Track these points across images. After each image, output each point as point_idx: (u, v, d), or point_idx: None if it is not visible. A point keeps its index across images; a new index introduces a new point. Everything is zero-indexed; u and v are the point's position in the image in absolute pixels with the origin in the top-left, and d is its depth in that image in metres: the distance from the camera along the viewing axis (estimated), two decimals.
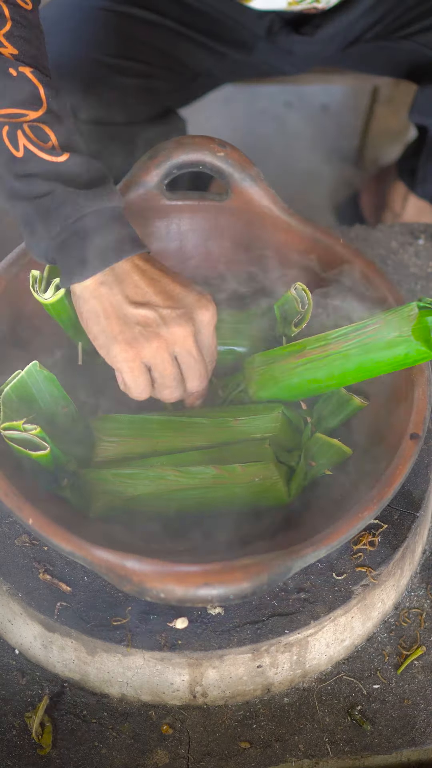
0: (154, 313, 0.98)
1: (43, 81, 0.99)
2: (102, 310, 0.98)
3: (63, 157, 0.97)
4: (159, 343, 0.98)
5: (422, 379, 1.03)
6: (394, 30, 1.53)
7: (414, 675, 1.06)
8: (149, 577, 0.87)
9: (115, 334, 0.98)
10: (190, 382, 1.03)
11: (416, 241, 1.53)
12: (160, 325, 0.98)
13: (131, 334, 0.98)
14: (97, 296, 0.98)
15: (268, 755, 1.01)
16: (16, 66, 0.98)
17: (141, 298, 0.98)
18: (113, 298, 0.98)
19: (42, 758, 0.99)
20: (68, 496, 1.03)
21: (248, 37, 1.51)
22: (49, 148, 0.97)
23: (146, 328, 0.98)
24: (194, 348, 1.00)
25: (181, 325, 0.98)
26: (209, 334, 1.02)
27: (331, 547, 0.92)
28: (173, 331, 0.98)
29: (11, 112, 0.97)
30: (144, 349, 0.98)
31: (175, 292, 1.00)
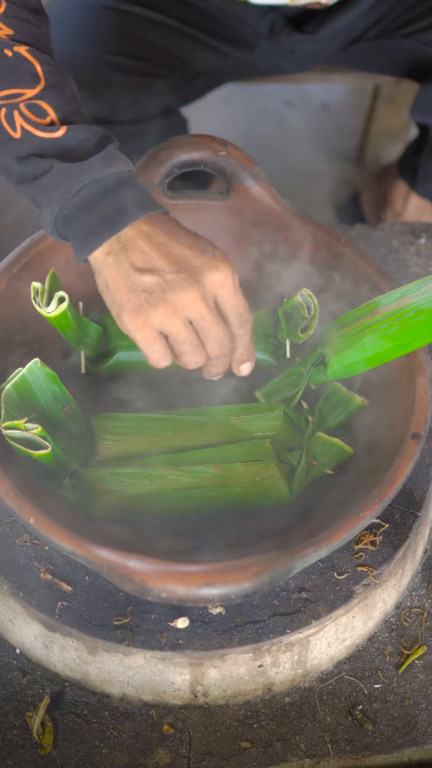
0: (159, 279, 0.96)
1: (39, 58, 0.98)
2: (111, 280, 0.97)
3: (60, 131, 0.96)
4: (166, 309, 0.96)
5: (423, 379, 1.03)
6: (395, 28, 1.53)
7: (415, 674, 1.06)
8: (151, 577, 0.87)
9: (123, 302, 0.97)
10: (208, 346, 0.99)
11: (417, 240, 1.53)
12: (165, 291, 0.96)
13: (137, 301, 0.96)
14: (106, 266, 0.97)
15: (269, 755, 1.00)
16: (11, 46, 0.97)
17: (146, 265, 0.96)
18: (120, 266, 0.96)
19: (43, 758, 0.99)
20: (69, 495, 1.03)
21: (250, 35, 1.51)
22: (47, 124, 0.96)
23: (152, 295, 0.96)
24: (206, 311, 0.97)
25: (187, 288, 0.96)
26: (227, 294, 0.98)
27: (332, 546, 0.92)
28: (180, 296, 0.96)
29: (8, 93, 0.96)
30: (151, 316, 0.96)
31: (182, 255, 0.96)
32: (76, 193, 0.96)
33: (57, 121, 0.97)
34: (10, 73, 0.97)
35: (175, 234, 0.97)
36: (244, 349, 1.02)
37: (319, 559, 0.96)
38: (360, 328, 1.03)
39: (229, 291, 0.98)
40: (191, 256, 0.97)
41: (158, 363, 0.99)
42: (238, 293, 0.98)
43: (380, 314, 1.02)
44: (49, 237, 1.13)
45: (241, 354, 1.02)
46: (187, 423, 1.08)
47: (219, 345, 0.99)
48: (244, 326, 1.00)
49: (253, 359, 1.04)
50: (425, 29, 1.52)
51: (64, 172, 0.95)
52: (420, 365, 1.04)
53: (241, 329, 1.00)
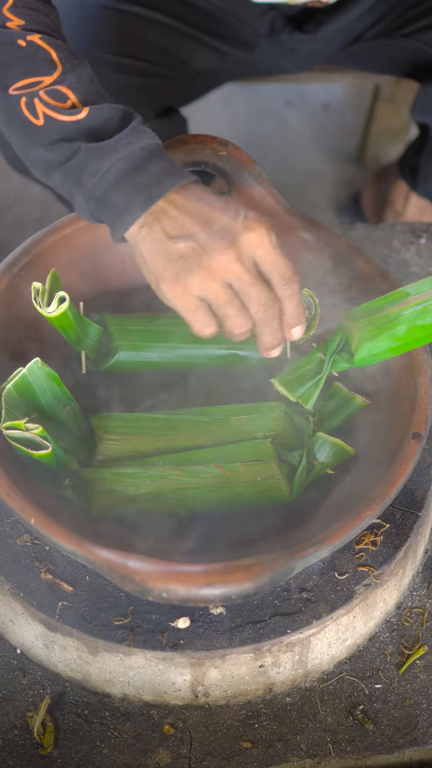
0: (194, 244, 0.94)
1: (53, 44, 0.98)
2: (146, 252, 0.96)
3: (83, 113, 0.96)
4: (202, 274, 0.94)
5: (424, 379, 1.03)
6: (395, 28, 1.53)
7: (416, 675, 1.06)
8: (151, 577, 0.87)
9: (160, 272, 0.95)
10: (251, 308, 0.96)
11: (418, 240, 1.53)
12: (200, 255, 0.94)
13: (174, 269, 0.95)
14: (141, 239, 0.96)
15: (270, 755, 1.00)
16: (24, 36, 0.97)
17: (180, 231, 0.95)
18: (154, 237, 0.95)
19: (44, 758, 0.99)
20: (70, 495, 1.03)
21: (250, 35, 1.51)
22: (68, 107, 0.96)
23: (188, 261, 0.94)
24: (243, 272, 0.94)
25: (222, 251, 0.94)
26: (265, 253, 0.95)
27: (333, 546, 0.92)
28: (215, 259, 0.94)
29: (26, 82, 0.96)
30: (189, 282, 0.94)
31: (214, 218, 0.95)
32: (105, 172, 0.95)
33: (78, 103, 0.97)
34: (26, 62, 0.97)
35: (206, 200, 0.96)
36: (293, 310, 0.98)
37: (320, 559, 0.96)
38: (391, 316, 1.01)
39: (267, 250, 0.95)
40: (224, 219, 0.95)
41: (202, 331, 0.97)
42: (277, 253, 0.96)
43: (411, 303, 1.01)
44: (49, 237, 1.13)
45: (290, 317, 0.98)
46: (188, 423, 1.08)
47: (262, 307, 0.96)
48: (288, 286, 0.97)
49: (303, 322, 1.00)
50: (425, 29, 1.52)
51: (91, 152, 0.95)
52: (420, 365, 1.04)
53: (286, 289, 0.97)
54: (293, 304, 0.98)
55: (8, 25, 0.98)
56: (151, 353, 1.12)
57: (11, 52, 0.97)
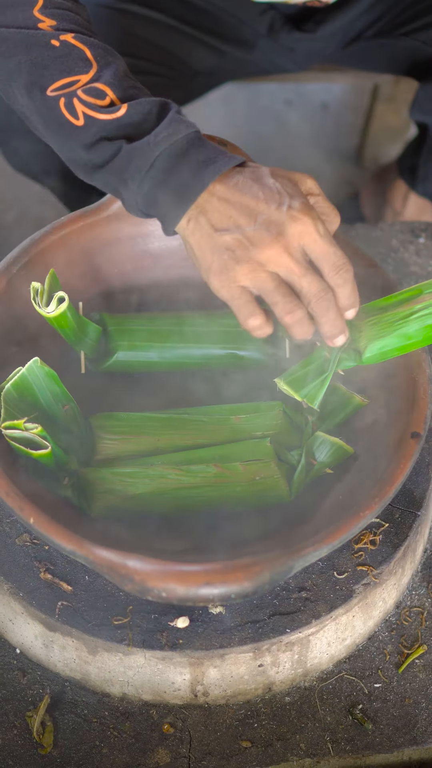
0: (240, 235, 0.93)
1: (86, 42, 0.98)
2: (196, 246, 0.96)
3: (122, 110, 0.96)
4: (251, 265, 0.93)
5: (423, 378, 1.03)
6: (394, 27, 1.53)
7: (415, 674, 1.06)
8: (151, 577, 0.87)
9: (209, 264, 0.95)
10: (304, 299, 0.95)
11: (417, 239, 1.53)
12: (248, 247, 0.93)
13: (222, 261, 0.94)
14: (189, 233, 0.96)
15: (269, 754, 1.01)
16: (57, 36, 0.97)
17: (226, 223, 0.94)
18: (201, 230, 0.95)
19: (43, 758, 0.99)
20: (69, 495, 1.03)
21: (250, 34, 1.51)
22: (107, 105, 0.96)
23: (235, 252, 0.93)
24: (292, 263, 0.93)
25: (270, 242, 0.93)
26: (313, 242, 0.93)
27: (332, 546, 0.92)
28: (263, 251, 0.93)
29: (64, 82, 0.96)
30: (237, 274, 0.94)
31: (260, 209, 0.93)
32: (149, 168, 0.95)
33: (116, 100, 0.96)
34: (62, 62, 0.97)
35: (251, 188, 0.94)
36: (346, 298, 0.96)
37: (319, 558, 0.96)
38: (403, 314, 1.01)
39: (315, 239, 0.93)
40: (269, 209, 0.93)
41: (247, 321, 0.96)
42: (326, 241, 0.94)
43: (424, 301, 1.00)
44: (48, 236, 1.13)
45: (344, 302, 0.96)
46: (187, 422, 1.08)
47: (315, 297, 0.95)
48: (340, 274, 0.95)
49: (357, 305, 0.98)
50: (424, 28, 1.52)
51: (133, 150, 0.95)
52: (420, 364, 1.04)
53: (337, 278, 0.95)
54: (347, 291, 0.96)
55: (40, 26, 0.98)
56: (150, 353, 1.12)
57: (46, 52, 0.97)
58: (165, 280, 1.20)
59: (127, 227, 1.16)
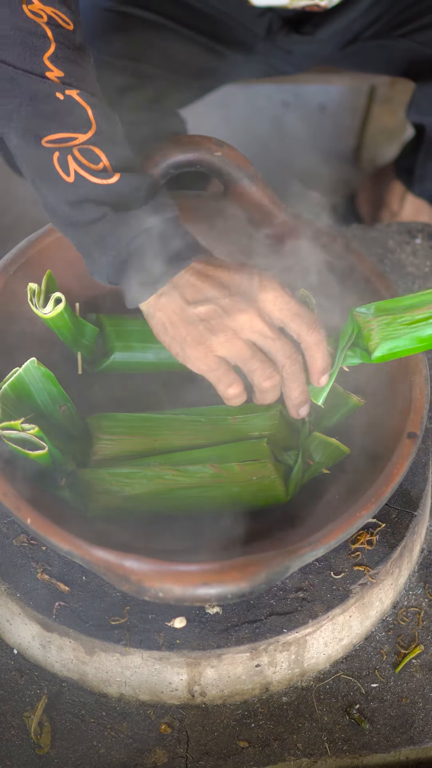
0: (214, 305, 0.96)
1: (90, 102, 0.98)
2: (167, 319, 0.98)
3: (114, 178, 0.96)
4: (226, 334, 0.96)
5: (420, 378, 1.03)
6: (391, 28, 1.54)
7: (412, 674, 1.07)
8: (147, 577, 0.88)
9: (183, 337, 0.98)
10: (278, 362, 0.98)
11: (413, 240, 1.53)
12: (222, 316, 0.96)
13: (197, 332, 0.97)
14: (161, 308, 0.98)
15: (266, 754, 1.01)
16: (63, 89, 0.97)
17: (199, 296, 0.97)
18: (174, 305, 0.97)
19: (41, 758, 0.99)
20: (66, 495, 1.03)
21: (248, 37, 1.51)
22: (100, 170, 0.96)
23: (210, 322, 0.96)
24: (266, 328, 0.97)
25: (243, 309, 0.96)
26: (285, 305, 0.97)
27: (329, 546, 0.92)
28: (237, 318, 0.96)
29: (61, 137, 0.96)
30: (214, 344, 0.97)
31: (231, 281, 0.97)
32: (128, 242, 0.96)
33: (110, 167, 0.97)
34: (63, 116, 0.97)
35: (221, 265, 0.99)
36: (322, 358, 1.00)
37: (316, 558, 0.96)
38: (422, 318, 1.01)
39: (286, 302, 0.98)
40: (240, 280, 0.97)
41: (227, 390, 0.99)
42: (296, 304, 0.98)
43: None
44: (46, 237, 1.13)
45: (320, 364, 1.00)
46: (184, 423, 1.08)
47: (289, 360, 0.98)
48: (314, 334, 0.99)
49: (330, 368, 1.02)
50: (421, 29, 1.53)
51: (117, 221, 0.96)
52: (416, 365, 1.04)
53: (311, 337, 0.99)
54: (321, 351, 1.00)
55: (48, 75, 0.97)
56: (147, 354, 1.13)
57: (49, 104, 0.97)
58: None
59: None
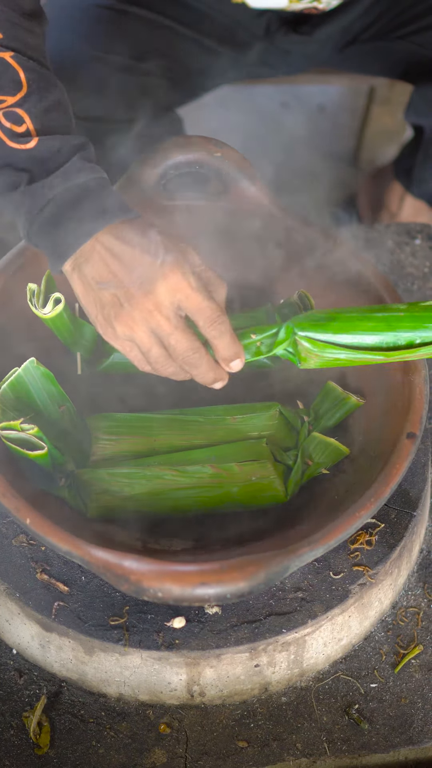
0: (117, 292, 0.95)
1: (24, 64, 0.97)
2: (80, 294, 0.98)
3: (32, 142, 0.95)
4: (126, 323, 0.96)
5: (419, 378, 1.03)
6: (390, 30, 1.54)
7: (411, 674, 1.07)
8: (146, 577, 0.87)
9: (94, 316, 0.98)
10: (173, 355, 0.98)
11: (413, 241, 1.54)
12: (122, 305, 0.95)
13: (104, 315, 0.97)
14: (74, 281, 0.98)
15: (265, 754, 1.01)
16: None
17: (104, 278, 0.96)
18: (84, 281, 0.97)
19: (40, 758, 0.99)
20: (66, 495, 1.03)
21: (246, 36, 1.51)
22: (21, 133, 0.95)
23: (113, 309, 0.96)
24: (162, 321, 0.95)
25: (141, 301, 0.95)
26: (185, 298, 0.95)
27: (328, 546, 0.92)
28: (135, 309, 0.95)
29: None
30: (117, 331, 0.97)
31: (134, 265, 0.95)
32: (39, 210, 0.96)
33: (33, 131, 0.96)
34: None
35: (130, 242, 0.96)
36: (225, 348, 0.99)
37: (315, 558, 0.96)
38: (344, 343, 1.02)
39: (187, 295, 0.95)
40: (143, 265, 0.95)
41: (142, 367, 1.00)
42: (197, 296, 0.96)
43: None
44: None
45: (225, 353, 0.99)
46: (183, 423, 1.08)
47: (181, 356, 0.98)
48: (215, 326, 0.97)
49: (240, 356, 1.00)
50: (419, 31, 1.53)
51: (27, 191, 0.96)
52: (415, 364, 1.04)
53: (212, 330, 0.97)
54: (224, 342, 0.98)
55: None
56: None
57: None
58: None
59: None
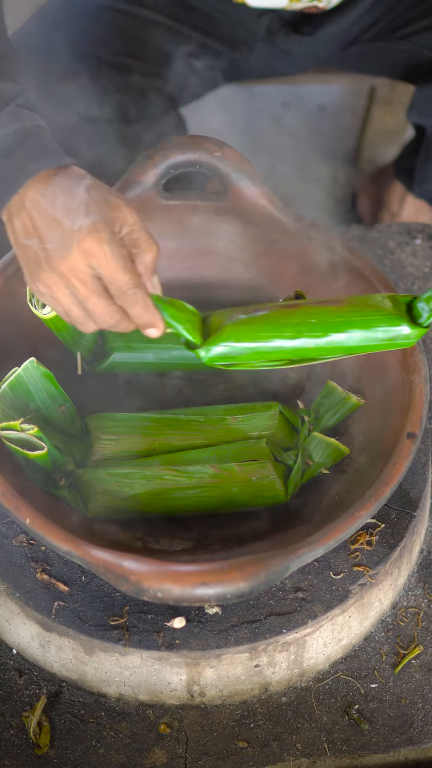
0: (37, 251, 0.94)
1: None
2: (13, 245, 0.96)
3: None
4: (45, 281, 0.94)
5: (419, 378, 1.03)
6: (391, 30, 1.54)
7: (411, 674, 1.07)
8: (146, 577, 0.87)
9: (23, 267, 0.96)
10: (91, 316, 0.96)
11: (413, 240, 1.53)
12: (42, 264, 0.94)
13: (28, 270, 0.96)
14: (9, 233, 0.97)
15: (265, 754, 1.01)
16: None
17: (28, 234, 0.94)
18: (14, 233, 0.96)
19: (40, 758, 0.99)
20: (66, 495, 1.03)
21: (247, 36, 1.51)
22: None
23: (36, 266, 0.94)
24: (78, 284, 0.93)
25: (58, 262, 0.93)
26: (99, 266, 0.92)
27: (328, 546, 0.92)
28: (53, 269, 0.93)
29: None
30: (39, 288, 0.95)
31: (55, 226, 0.93)
32: None
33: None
34: None
35: (53, 200, 0.93)
36: (138, 317, 0.96)
37: (315, 558, 0.96)
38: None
39: (100, 263, 0.93)
40: (62, 227, 0.93)
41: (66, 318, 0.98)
42: (111, 265, 0.92)
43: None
44: None
45: (138, 321, 0.97)
46: (183, 423, 1.08)
47: (100, 318, 0.96)
48: (127, 297, 0.95)
49: (156, 324, 0.97)
50: (421, 31, 1.53)
51: None
52: (416, 364, 1.04)
53: (125, 300, 0.95)
54: (137, 311, 0.96)
55: None
56: (147, 354, 1.13)
57: None
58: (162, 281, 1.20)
59: None
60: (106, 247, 0.92)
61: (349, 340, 0.96)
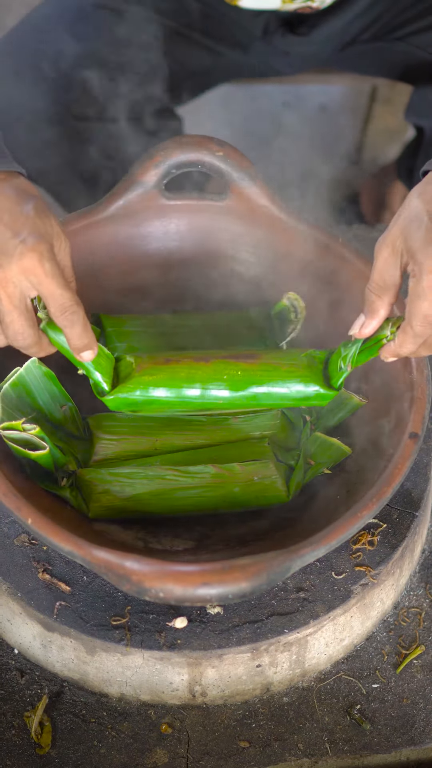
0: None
1: None
2: None
3: None
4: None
5: (421, 378, 1.03)
6: (389, 31, 1.54)
7: (413, 674, 1.07)
8: (148, 577, 0.87)
9: None
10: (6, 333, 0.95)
11: None
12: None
13: None
14: None
15: (267, 754, 1.01)
16: None
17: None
18: None
19: (41, 758, 0.99)
20: (67, 495, 1.03)
21: (244, 36, 1.51)
22: None
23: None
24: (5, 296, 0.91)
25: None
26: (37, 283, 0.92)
27: (330, 546, 0.92)
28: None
29: None
30: None
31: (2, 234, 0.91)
32: None
33: None
34: None
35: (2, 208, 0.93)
36: (78, 337, 0.96)
37: (317, 558, 0.96)
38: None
39: (39, 280, 0.92)
40: (4, 238, 0.92)
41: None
42: (51, 282, 0.92)
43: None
44: None
45: (76, 342, 0.97)
46: (185, 423, 1.08)
47: (14, 334, 0.95)
48: (66, 316, 0.94)
49: (90, 347, 0.98)
50: (418, 32, 1.53)
51: None
52: (418, 364, 1.04)
53: (62, 319, 0.95)
54: (74, 332, 0.96)
55: None
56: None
57: None
58: (163, 281, 1.20)
59: (126, 228, 1.16)
60: (47, 265, 0.92)
61: (260, 397, 1.03)
